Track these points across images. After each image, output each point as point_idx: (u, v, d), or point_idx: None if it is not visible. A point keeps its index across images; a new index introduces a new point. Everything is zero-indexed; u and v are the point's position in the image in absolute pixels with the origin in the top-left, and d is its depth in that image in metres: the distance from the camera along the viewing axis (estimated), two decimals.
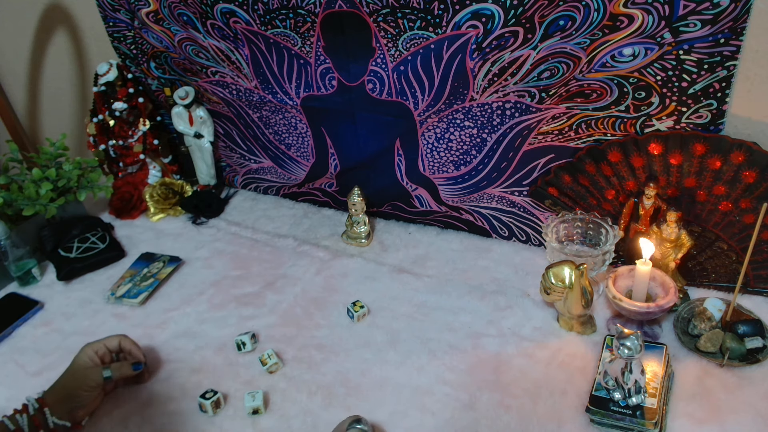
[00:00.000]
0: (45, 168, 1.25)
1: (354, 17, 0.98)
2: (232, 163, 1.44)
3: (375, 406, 0.85)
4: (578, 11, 0.84)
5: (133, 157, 1.39)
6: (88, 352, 0.87)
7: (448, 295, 1.05)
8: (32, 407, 0.80)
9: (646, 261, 0.88)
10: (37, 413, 0.79)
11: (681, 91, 0.86)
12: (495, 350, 0.93)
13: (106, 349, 0.89)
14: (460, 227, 1.22)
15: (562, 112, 0.96)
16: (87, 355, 0.87)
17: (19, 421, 0.78)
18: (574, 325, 0.94)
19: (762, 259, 0.93)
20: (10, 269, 1.15)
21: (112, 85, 1.32)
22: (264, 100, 1.21)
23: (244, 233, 1.29)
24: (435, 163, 1.12)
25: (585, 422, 0.80)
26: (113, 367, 0.87)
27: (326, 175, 1.28)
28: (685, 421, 0.78)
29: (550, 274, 0.89)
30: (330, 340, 0.98)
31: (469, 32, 0.90)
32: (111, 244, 1.25)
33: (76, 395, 0.83)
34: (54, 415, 0.80)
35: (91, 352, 0.87)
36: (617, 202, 1.02)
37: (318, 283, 1.11)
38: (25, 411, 0.79)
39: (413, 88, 1.02)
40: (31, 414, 0.79)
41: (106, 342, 0.90)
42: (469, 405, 0.84)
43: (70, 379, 0.85)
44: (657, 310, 0.88)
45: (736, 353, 0.85)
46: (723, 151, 0.87)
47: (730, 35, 0.79)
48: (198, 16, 1.12)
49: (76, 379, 0.84)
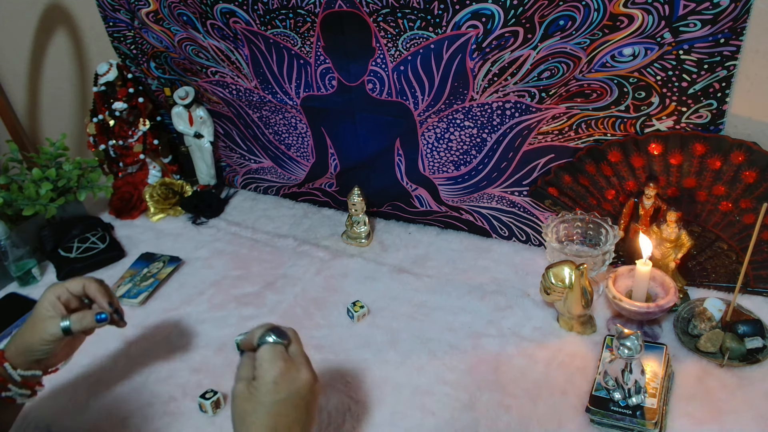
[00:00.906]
0: (45, 168, 1.25)
1: (354, 17, 0.98)
2: (232, 163, 1.44)
3: (375, 406, 0.85)
4: (578, 11, 0.84)
5: (133, 157, 1.39)
6: (49, 297, 0.75)
7: (448, 295, 1.05)
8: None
9: (646, 261, 0.88)
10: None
11: (681, 91, 0.86)
12: (495, 350, 0.93)
13: (70, 294, 0.77)
14: (460, 227, 1.22)
15: (562, 112, 0.96)
16: (48, 300, 0.75)
17: None
18: (574, 325, 0.94)
19: (762, 259, 0.93)
20: (10, 269, 1.15)
21: (112, 85, 1.32)
22: (264, 100, 1.21)
23: (244, 233, 1.29)
24: (435, 163, 1.12)
25: (585, 422, 0.80)
26: (73, 318, 0.74)
27: (326, 175, 1.28)
28: (685, 421, 0.78)
29: (550, 274, 0.89)
30: (330, 340, 0.98)
31: (469, 32, 0.90)
32: (111, 244, 1.25)
33: (33, 348, 0.73)
34: (16, 368, 0.72)
35: (52, 297, 0.75)
36: (617, 202, 1.02)
37: (318, 283, 1.11)
38: None
39: (413, 88, 1.02)
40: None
41: (68, 285, 0.77)
42: (469, 405, 0.84)
43: (29, 329, 0.74)
44: (657, 310, 0.88)
45: (736, 353, 0.85)
46: (723, 151, 0.87)
47: (730, 35, 0.79)
48: (198, 16, 1.12)
49: (34, 330, 0.74)
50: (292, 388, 0.63)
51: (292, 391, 0.63)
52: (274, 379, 0.62)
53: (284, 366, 0.63)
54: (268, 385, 0.62)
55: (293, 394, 0.63)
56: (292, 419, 0.62)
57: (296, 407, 0.63)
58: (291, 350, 0.67)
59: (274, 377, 0.62)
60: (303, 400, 0.63)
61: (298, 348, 0.68)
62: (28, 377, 0.74)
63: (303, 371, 0.65)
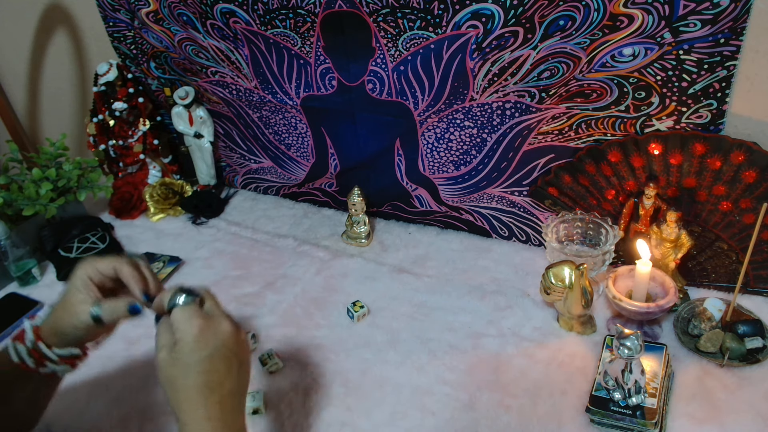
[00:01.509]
0: (45, 168, 1.25)
1: (354, 17, 0.98)
2: (232, 163, 1.44)
3: (375, 406, 0.85)
4: (578, 11, 0.84)
5: (133, 157, 1.39)
6: (81, 275, 0.68)
7: (448, 295, 1.05)
8: (29, 340, 0.69)
9: (646, 261, 0.88)
10: (34, 347, 0.69)
11: (681, 91, 0.86)
12: (495, 350, 0.93)
13: (103, 276, 0.69)
14: (460, 227, 1.22)
15: (562, 112, 0.96)
16: (80, 280, 0.68)
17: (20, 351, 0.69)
18: (574, 325, 0.94)
19: (762, 259, 0.93)
20: (10, 269, 1.15)
21: (112, 85, 1.32)
22: (264, 100, 1.21)
23: (244, 233, 1.29)
24: (435, 163, 1.12)
25: (585, 422, 0.80)
26: (105, 308, 0.67)
27: (326, 175, 1.28)
28: (685, 421, 0.78)
29: (550, 274, 0.89)
30: (330, 340, 0.98)
31: (469, 32, 0.90)
32: (111, 244, 1.25)
33: (66, 332, 0.69)
34: (51, 347, 0.69)
35: (84, 277, 0.68)
36: (617, 202, 1.02)
37: (318, 283, 1.11)
38: (22, 340, 0.70)
39: (413, 88, 1.02)
40: (29, 347, 0.69)
41: (99, 265, 0.69)
42: (469, 405, 0.84)
43: (61, 309, 0.69)
44: (657, 310, 0.88)
45: (736, 353, 0.85)
46: (723, 151, 0.87)
47: (730, 35, 0.79)
48: (198, 16, 1.12)
49: (66, 312, 0.68)
50: (216, 342, 0.62)
51: (216, 344, 0.61)
52: (194, 337, 0.61)
53: (202, 322, 0.62)
54: (190, 344, 0.60)
55: (219, 347, 0.61)
56: (222, 373, 0.61)
57: (225, 359, 0.62)
58: (206, 307, 0.65)
59: (194, 335, 0.61)
60: (230, 351, 0.62)
61: (212, 303, 0.66)
62: (65, 356, 0.70)
63: (223, 323, 0.63)
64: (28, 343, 0.69)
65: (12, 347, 0.70)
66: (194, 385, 0.60)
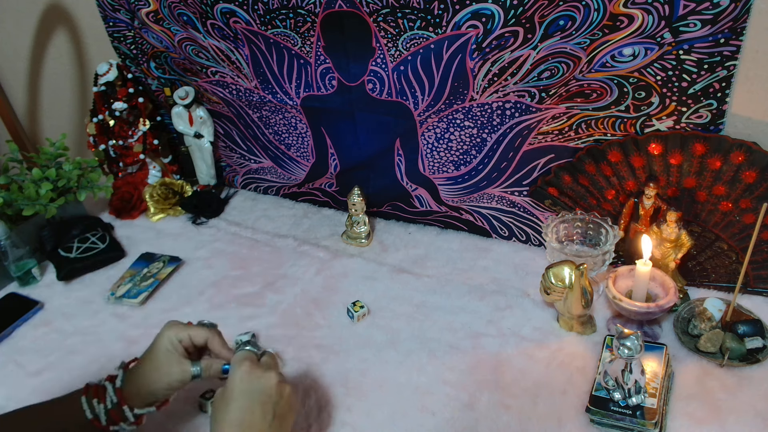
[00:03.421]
0: (45, 168, 1.25)
1: (354, 17, 0.98)
2: (232, 163, 1.44)
3: (375, 406, 0.85)
4: (578, 11, 0.84)
5: (133, 157, 1.39)
6: (171, 338, 0.73)
7: (448, 295, 1.05)
8: (110, 400, 0.72)
9: (646, 261, 0.88)
10: (115, 408, 0.71)
11: (681, 91, 0.86)
12: (495, 350, 0.93)
13: (191, 342, 0.74)
14: (460, 227, 1.22)
15: (562, 112, 0.96)
16: (171, 343, 0.73)
17: (96, 410, 0.71)
18: (574, 325, 0.94)
19: (762, 259, 0.93)
20: (10, 269, 1.15)
21: (112, 85, 1.32)
22: (264, 100, 1.21)
23: (244, 233, 1.29)
24: (435, 163, 1.12)
25: (585, 422, 0.80)
26: (204, 366, 0.74)
27: (326, 175, 1.28)
28: (685, 421, 0.78)
29: (550, 274, 0.89)
30: (330, 340, 0.98)
31: (469, 32, 0.90)
32: (111, 244, 1.25)
33: (157, 393, 0.73)
34: (133, 409, 0.72)
35: (175, 340, 0.73)
36: (617, 202, 1.02)
37: (318, 283, 1.11)
38: (103, 400, 0.72)
39: (413, 88, 1.02)
40: (109, 408, 0.71)
41: (192, 333, 0.74)
42: (469, 405, 0.84)
43: (152, 370, 0.73)
44: (657, 310, 0.88)
45: (736, 353, 0.85)
46: (723, 151, 0.87)
47: (730, 35, 0.79)
48: (198, 16, 1.12)
49: (159, 373, 0.72)
50: (258, 386, 0.67)
51: (258, 388, 0.67)
52: (240, 376, 0.67)
53: (250, 365, 0.68)
54: (234, 381, 0.67)
55: (259, 391, 0.67)
56: (257, 417, 0.65)
57: (262, 405, 0.66)
58: (263, 359, 0.72)
59: (240, 375, 0.67)
60: (270, 399, 0.67)
61: (270, 359, 0.73)
62: (141, 415, 0.74)
63: (271, 373, 0.68)
64: (109, 403, 0.72)
65: (86, 403, 0.72)
66: (228, 419, 0.65)
